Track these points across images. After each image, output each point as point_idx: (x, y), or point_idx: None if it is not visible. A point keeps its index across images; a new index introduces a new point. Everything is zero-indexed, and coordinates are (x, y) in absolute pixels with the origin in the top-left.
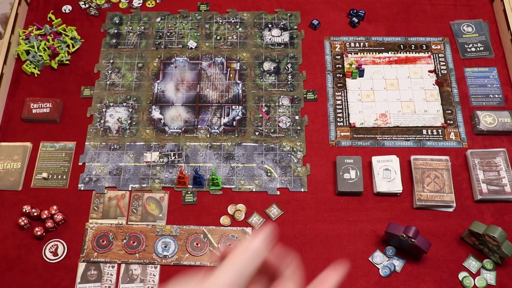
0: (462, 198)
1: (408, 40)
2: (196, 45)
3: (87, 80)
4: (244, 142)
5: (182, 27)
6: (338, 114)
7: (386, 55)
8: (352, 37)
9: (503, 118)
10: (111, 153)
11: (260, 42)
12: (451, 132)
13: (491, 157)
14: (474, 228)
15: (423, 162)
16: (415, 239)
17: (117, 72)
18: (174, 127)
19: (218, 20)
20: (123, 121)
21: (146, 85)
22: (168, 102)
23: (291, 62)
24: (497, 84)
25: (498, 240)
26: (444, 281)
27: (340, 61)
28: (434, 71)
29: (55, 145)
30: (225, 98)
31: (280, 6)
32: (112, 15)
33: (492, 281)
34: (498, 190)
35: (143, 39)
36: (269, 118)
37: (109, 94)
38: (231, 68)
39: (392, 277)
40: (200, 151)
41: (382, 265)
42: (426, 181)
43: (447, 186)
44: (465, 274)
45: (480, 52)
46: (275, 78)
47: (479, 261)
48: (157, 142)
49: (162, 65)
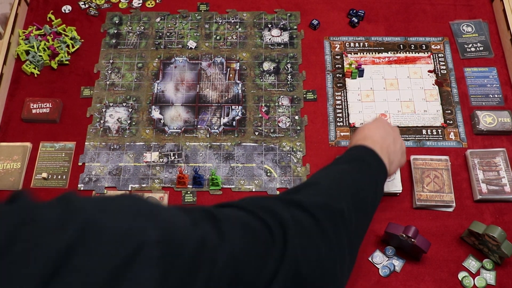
0: (461, 198)
1: (408, 40)
2: (196, 45)
3: (87, 80)
4: (244, 142)
5: (182, 27)
6: (337, 114)
7: (386, 55)
8: (352, 37)
9: (502, 118)
10: (111, 153)
11: (260, 42)
12: (451, 132)
13: (491, 157)
14: (473, 228)
15: (423, 162)
16: (415, 239)
17: (117, 72)
18: (174, 127)
19: (218, 20)
20: (122, 121)
21: (146, 85)
22: (167, 102)
23: (291, 62)
24: (496, 84)
25: (497, 240)
26: (444, 281)
27: (340, 61)
28: (434, 71)
29: (55, 145)
30: (225, 98)
31: (280, 6)
32: (112, 15)
33: (491, 281)
34: (497, 190)
35: (143, 39)
36: (268, 118)
37: (109, 94)
38: (231, 68)
39: (392, 277)
40: (199, 151)
41: (382, 265)
42: (425, 181)
43: (447, 186)
44: (464, 274)
45: (479, 52)
46: (275, 78)
47: (479, 261)
48: (156, 142)
49: (161, 65)
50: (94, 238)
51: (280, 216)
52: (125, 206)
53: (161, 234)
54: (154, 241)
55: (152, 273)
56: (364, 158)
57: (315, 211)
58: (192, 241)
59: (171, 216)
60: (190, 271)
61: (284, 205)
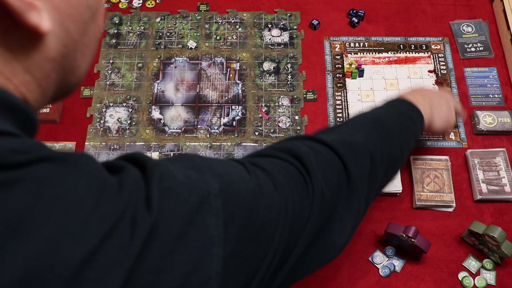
0: (462, 198)
1: (408, 40)
2: (196, 45)
3: (87, 80)
4: (244, 142)
5: (182, 27)
6: (338, 114)
7: (386, 55)
8: (352, 37)
9: (503, 118)
10: (111, 153)
11: (260, 42)
12: (451, 132)
13: (491, 157)
14: (473, 228)
15: (423, 162)
16: (415, 239)
17: (117, 72)
18: (174, 127)
19: (218, 20)
20: (123, 121)
21: (146, 85)
22: (168, 102)
23: (291, 62)
24: (496, 84)
25: (498, 240)
26: (444, 281)
27: (340, 61)
28: (434, 71)
29: (55, 145)
30: (225, 98)
31: (280, 6)
32: (112, 15)
33: (492, 281)
34: (498, 190)
35: (143, 39)
36: (269, 118)
37: (109, 94)
38: (231, 68)
39: (392, 277)
40: (200, 151)
41: (382, 265)
42: (425, 181)
43: (447, 186)
44: (465, 274)
45: (480, 52)
46: (275, 78)
47: (479, 261)
48: (157, 142)
49: (162, 65)
50: (170, 188)
51: (298, 151)
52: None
53: (221, 184)
54: (218, 190)
55: (217, 220)
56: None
57: (333, 143)
58: (249, 189)
59: (226, 167)
60: (250, 218)
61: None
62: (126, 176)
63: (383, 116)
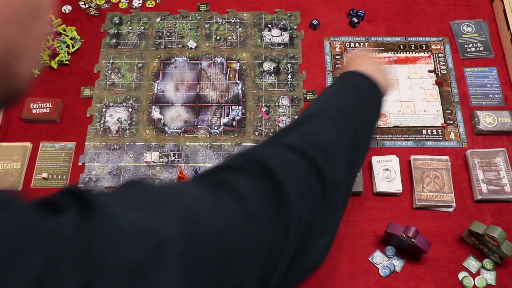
0: (462, 198)
1: (408, 40)
2: (196, 45)
3: (87, 80)
4: (244, 142)
5: (182, 27)
6: None
7: (386, 55)
8: (352, 37)
9: (503, 118)
10: (111, 153)
11: (260, 42)
12: (451, 132)
13: (491, 157)
14: (474, 228)
15: (423, 162)
16: (415, 239)
17: (117, 72)
18: (174, 127)
19: (218, 20)
20: (123, 121)
21: (146, 85)
22: (168, 102)
23: (291, 62)
24: (497, 84)
25: (498, 240)
26: (444, 281)
27: (340, 61)
28: (434, 71)
29: (55, 145)
30: (225, 98)
31: (280, 6)
32: (112, 15)
33: (492, 281)
34: (498, 190)
35: (143, 39)
36: (269, 118)
37: (109, 94)
38: (231, 68)
39: (392, 277)
40: (200, 151)
41: (382, 265)
42: (426, 181)
43: (447, 186)
44: (465, 274)
45: (480, 52)
46: (275, 78)
47: (479, 261)
48: (157, 142)
49: (162, 65)
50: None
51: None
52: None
53: (182, 226)
54: (177, 233)
55: (174, 270)
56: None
57: (306, 150)
58: (217, 225)
59: (188, 199)
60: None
61: (273, 150)
62: (61, 219)
63: (346, 102)
